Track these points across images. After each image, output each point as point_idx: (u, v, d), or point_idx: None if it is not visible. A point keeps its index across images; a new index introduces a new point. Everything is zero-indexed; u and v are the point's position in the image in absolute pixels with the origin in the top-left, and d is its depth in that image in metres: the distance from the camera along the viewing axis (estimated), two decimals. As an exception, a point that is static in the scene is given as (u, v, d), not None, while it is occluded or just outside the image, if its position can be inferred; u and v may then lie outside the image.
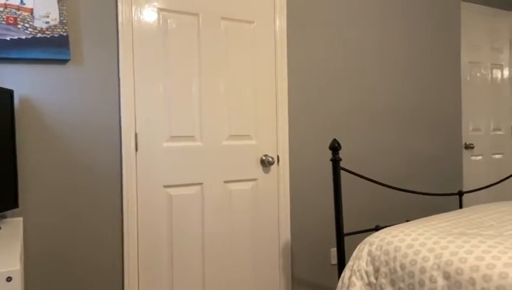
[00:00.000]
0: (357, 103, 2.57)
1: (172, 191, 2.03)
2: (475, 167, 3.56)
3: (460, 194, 2.17)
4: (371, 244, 1.64)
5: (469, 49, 3.54)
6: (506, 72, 3.81)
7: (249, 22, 2.23)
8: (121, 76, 1.90)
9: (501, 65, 3.78)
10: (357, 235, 2.48)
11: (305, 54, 2.40)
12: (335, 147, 1.85)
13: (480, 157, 3.59)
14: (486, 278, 1.22)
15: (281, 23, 2.31)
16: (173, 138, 2.03)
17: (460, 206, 2.19)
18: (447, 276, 1.32)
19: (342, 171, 2.39)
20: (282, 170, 2.32)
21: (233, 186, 2.19)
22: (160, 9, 2.01)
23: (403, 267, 1.47)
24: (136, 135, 1.94)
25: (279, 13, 2.30)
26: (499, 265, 1.22)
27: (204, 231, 2.11)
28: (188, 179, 2.06)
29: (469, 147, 3.49)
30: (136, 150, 1.94)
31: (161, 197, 2.00)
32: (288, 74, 2.35)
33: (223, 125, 2.16)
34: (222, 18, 2.16)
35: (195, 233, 2.09)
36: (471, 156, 3.54)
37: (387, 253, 1.55)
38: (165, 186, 2.01)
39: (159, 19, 2.00)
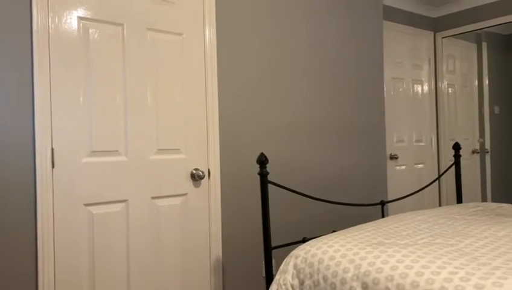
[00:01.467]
0: (286, 116, 2.62)
1: (94, 209, 1.92)
2: (400, 176, 3.78)
3: (383, 203, 2.27)
4: (296, 257, 1.65)
5: (393, 66, 3.77)
6: (425, 88, 4.10)
7: (177, 33, 2.20)
8: (35, 87, 1.77)
9: (421, 81, 4.07)
10: (289, 247, 2.50)
11: (236, 66, 2.40)
12: (262, 160, 1.86)
13: (404, 167, 3.82)
14: (400, 288, 1.27)
15: (210, 35, 2.30)
16: (95, 152, 1.93)
17: (383, 216, 2.30)
18: (365, 286, 1.36)
19: (270, 185, 2.41)
20: (213, 184, 2.29)
21: (161, 202, 2.12)
22: (80, 18, 1.91)
23: (325, 279, 1.50)
24: (52, 150, 1.81)
25: (208, 25, 2.29)
26: (411, 274, 1.28)
27: (130, 251, 2.01)
28: (111, 196, 1.96)
29: (394, 157, 3.69)
30: (53, 166, 1.81)
31: (81, 216, 1.88)
32: (219, 86, 2.34)
33: (150, 139, 2.09)
34: (148, 29, 2.10)
35: (120, 254, 1.99)
36: (396, 166, 3.75)
37: (311, 265, 1.57)
38: (86, 205, 1.90)
39: (79, 28, 1.90)
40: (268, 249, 1.84)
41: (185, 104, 2.22)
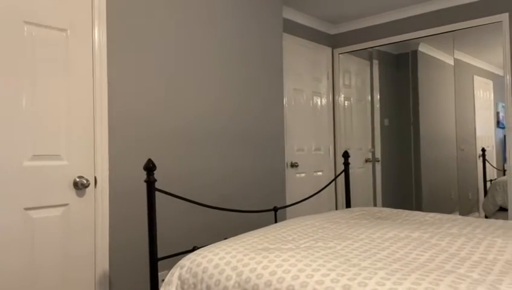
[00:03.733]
0: (183, 121, 2.55)
1: (-51, 223, 1.66)
2: (300, 184, 3.92)
3: (275, 209, 2.31)
4: (181, 268, 1.59)
5: (294, 77, 3.92)
6: (324, 100, 4.33)
7: (60, 29, 2.02)
8: None
9: (320, 93, 4.28)
10: (179, 257, 2.42)
11: (128, 67, 2.28)
12: (149, 167, 1.78)
13: (303, 174, 3.97)
14: (277, 292, 1.27)
15: (100, 33, 2.15)
16: (-48, 158, 1.67)
17: (276, 222, 2.33)
18: (245, 294, 1.34)
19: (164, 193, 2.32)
20: (100, 193, 2.13)
21: (37, 213, 1.91)
22: None
23: (208, 288, 1.46)
24: None
25: (98, 22, 2.15)
26: (288, 278, 1.29)
27: (-5, 269, 1.78)
28: (-28, 207, 1.72)
29: (294, 165, 3.82)
30: None
31: None
32: (109, 88, 2.20)
33: (24, 144, 1.88)
34: (25, 22, 1.90)
35: (-18, 272, 1.74)
36: (296, 173, 3.88)
37: (195, 275, 1.52)
38: None
39: None
40: (153, 260, 1.74)
41: (68, 107, 2.04)
